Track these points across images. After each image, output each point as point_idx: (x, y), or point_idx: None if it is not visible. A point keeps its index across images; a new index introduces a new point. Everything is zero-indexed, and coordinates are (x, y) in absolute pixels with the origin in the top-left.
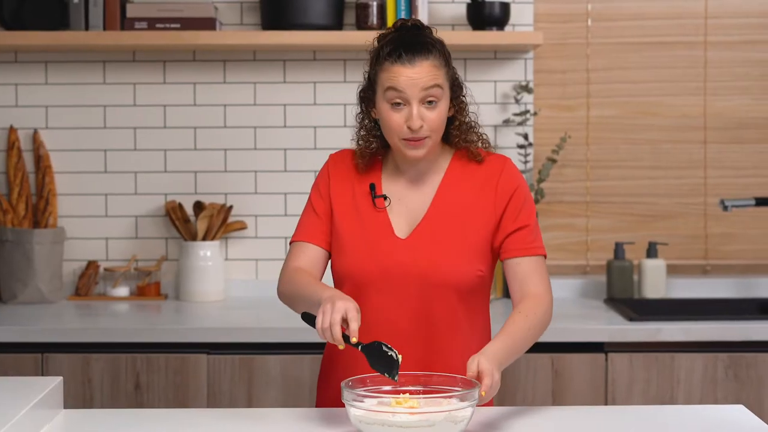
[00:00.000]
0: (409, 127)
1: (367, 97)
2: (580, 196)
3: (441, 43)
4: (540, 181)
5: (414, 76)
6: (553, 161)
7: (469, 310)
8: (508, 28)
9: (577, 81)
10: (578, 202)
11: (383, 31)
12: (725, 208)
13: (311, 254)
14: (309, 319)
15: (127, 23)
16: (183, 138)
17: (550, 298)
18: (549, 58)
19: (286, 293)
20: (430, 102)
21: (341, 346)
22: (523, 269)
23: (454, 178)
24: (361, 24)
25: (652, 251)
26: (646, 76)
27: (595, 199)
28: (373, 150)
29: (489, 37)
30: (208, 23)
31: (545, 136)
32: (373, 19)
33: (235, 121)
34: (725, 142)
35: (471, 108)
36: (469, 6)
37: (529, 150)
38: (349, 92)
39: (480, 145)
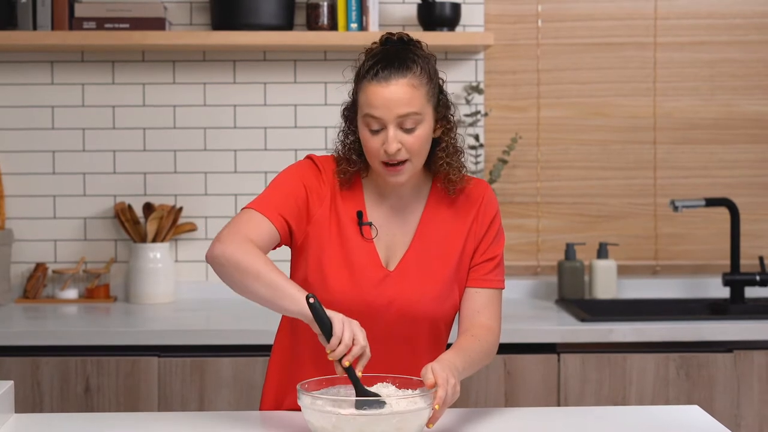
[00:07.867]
0: (385, 151)
1: (350, 116)
2: (530, 197)
3: (426, 59)
4: (491, 181)
5: (389, 96)
6: (504, 162)
7: (439, 337)
8: (458, 29)
9: (528, 82)
10: (529, 203)
11: (370, 46)
12: (676, 208)
13: (266, 233)
14: (320, 313)
15: (75, 23)
16: (132, 139)
17: (499, 332)
18: (499, 59)
19: (238, 262)
20: (407, 128)
21: (341, 368)
22: (480, 299)
23: (436, 204)
24: (312, 24)
25: (602, 252)
26: (596, 77)
27: (545, 200)
28: (355, 170)
29: (440, 38)
30: (157, 23)
31: (496, 137)
32: (324, 19)
33: (185, 121)
34: (675, 142)
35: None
36: (419, 7)
37: (480, 151)
38: (300, 93)
39: (460, 171)
